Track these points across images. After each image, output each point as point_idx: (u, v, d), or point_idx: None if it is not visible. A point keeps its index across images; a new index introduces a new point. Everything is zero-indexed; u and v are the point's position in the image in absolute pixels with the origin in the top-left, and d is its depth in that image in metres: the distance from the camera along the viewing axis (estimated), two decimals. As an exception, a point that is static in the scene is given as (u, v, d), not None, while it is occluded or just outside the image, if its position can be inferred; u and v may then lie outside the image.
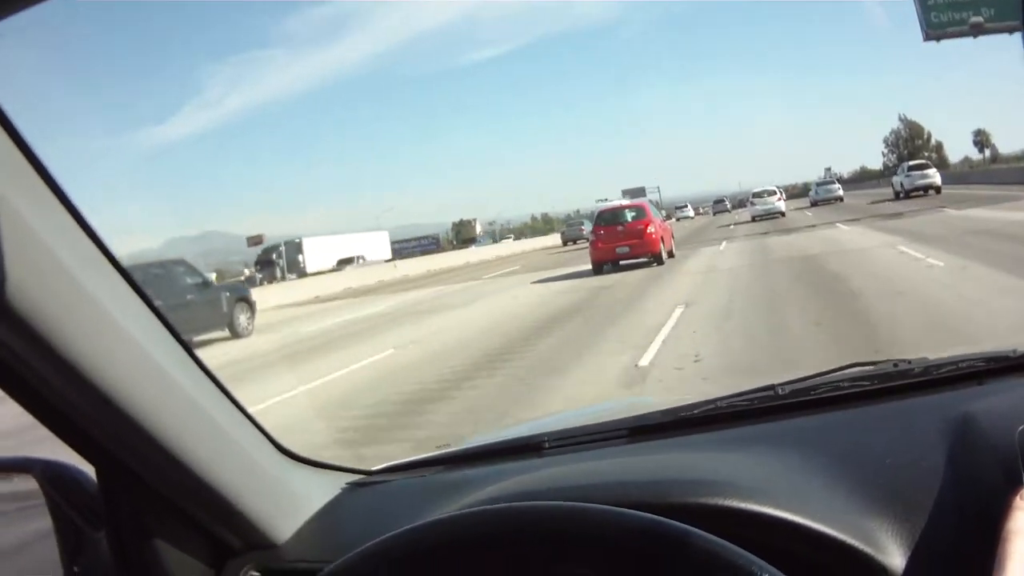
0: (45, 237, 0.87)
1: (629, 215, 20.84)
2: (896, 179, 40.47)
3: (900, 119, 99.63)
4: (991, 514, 0.85)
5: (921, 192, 36.32)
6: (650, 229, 20.12)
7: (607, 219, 21.19)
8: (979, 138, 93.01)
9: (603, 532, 0.85)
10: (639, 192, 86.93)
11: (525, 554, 0.90)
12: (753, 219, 40.35)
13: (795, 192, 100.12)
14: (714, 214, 74.01)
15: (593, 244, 20.94)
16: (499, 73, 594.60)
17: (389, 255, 53.47)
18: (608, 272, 19.76)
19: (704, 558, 0.78)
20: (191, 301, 15.29)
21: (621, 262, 20.01)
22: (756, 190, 45.09)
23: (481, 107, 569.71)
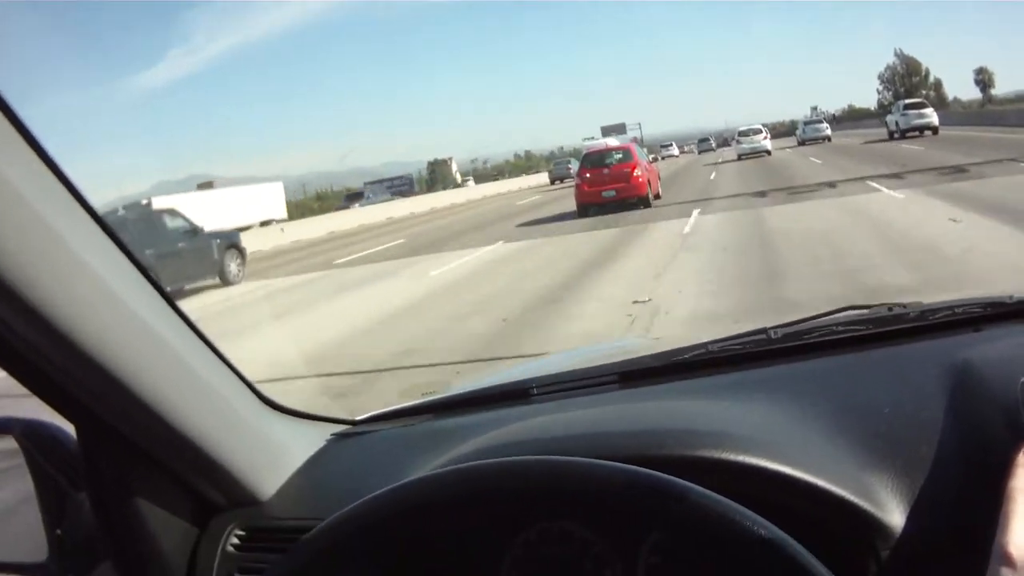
0: (16, 184, 0.82)
1: (615, 157, 20.71)
2: (891, 118, 39.27)
3: (896, 54, 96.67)
4: (994, 470, 0.82)
5: (917, 133, 35.21)
6: (636, 172, 19.95)
7: (593, 161, 21.03)
8: (981, 77, 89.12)
9: (591, 487, 0.83)
10: (619, 129, 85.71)
11: (513, 510, 0.89)
12: (739, 157, 40.03)
13: (782, 130, 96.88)
14: (699, 152, 75.32)
15: (578, 187, 20.65)
16: (481, 8, 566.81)
17: (283, 213, 43.45)
18: (594, 215, 19.50)
19: (699, 513, 0.76)
20: (181, 249, 15.28)
21: (607, 205, 19.80)
22: (742, 128, 44.78)
23: (462, 45, 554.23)
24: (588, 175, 20.41)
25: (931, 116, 35.45)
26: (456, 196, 51.29)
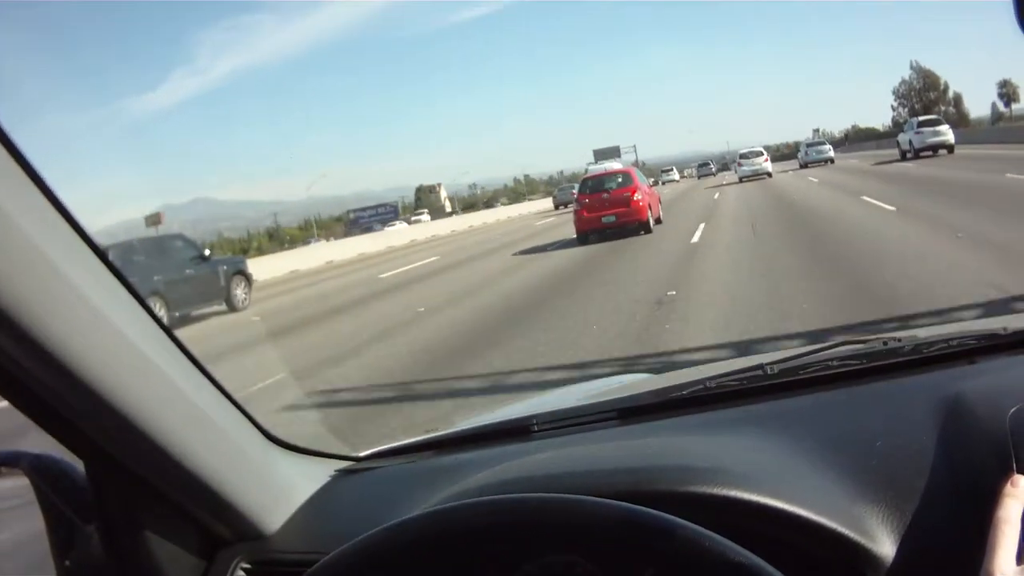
0: (22, 223, 0.83)
1: (615, 182, 20.00)
2: (903, 137, 36.57)
3: (912, 67, 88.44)
4: (983, 501, 0.83)
5: (930, 152, 32.75)
6: (636, 196, 19.31)
7: (592, 186, 20.32)
8: (1005, 90, 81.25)
9: (581, 523, 0.84)
10: (612, 153, 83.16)
11: (514, 546, 0.90)
12: (741, 180, 39.17)
13: (785, 153, 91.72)
14: (699, 177, 72.88)
15: (577, 213, 19.93)
16: (483, 33, 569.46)
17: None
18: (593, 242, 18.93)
19: (689, 549, 0.77)
20: (190, 275, 15.29)
21: (607, 231, 19.23)
22: (743, 151, 44.23)
23: (460, 70, 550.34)
24: (587, 200, 19.81)
25: (947, 134, 33.18)
26: (430, 229, 48.54)
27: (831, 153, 46.55)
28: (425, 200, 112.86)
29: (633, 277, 11.68)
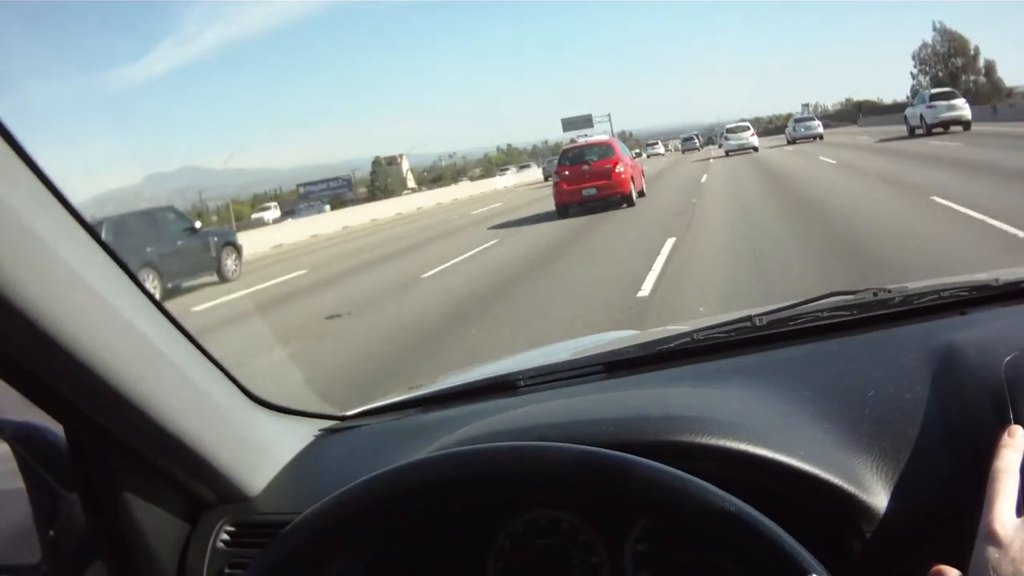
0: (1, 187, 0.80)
1: (595, 153, 18.87)
2: (912, 111, 31.83)
3: (935, 28, 72.44)
4: (979, 451, 0.81)
5: (941, 129, 28.54)
6: (619, 168, 18.27)
7: (572, 158, 19.25)
8: None
9: (543, 469, 0.82)
10: (584, 122, 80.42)
11: (486, 498, 0.89)
12: (727, 154, 38.41)
13: (780, 126, 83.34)
14: (683, 151, 69.20)
15: (557, 186, 18.96)
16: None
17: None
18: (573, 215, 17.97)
19: (654, 487, 0.76)
20: (180, 247, 15.26)
21: (588, 204, 18.39)
22: (729, 126, 43.94)
23: (445, 35, 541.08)
24: (567, 172, 18.72)
25: (962, 108, 28.85)
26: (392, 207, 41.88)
27: (820, 129, 43.60)
28: (382, 173, 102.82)
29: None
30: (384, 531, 0.91)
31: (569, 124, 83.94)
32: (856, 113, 72.08)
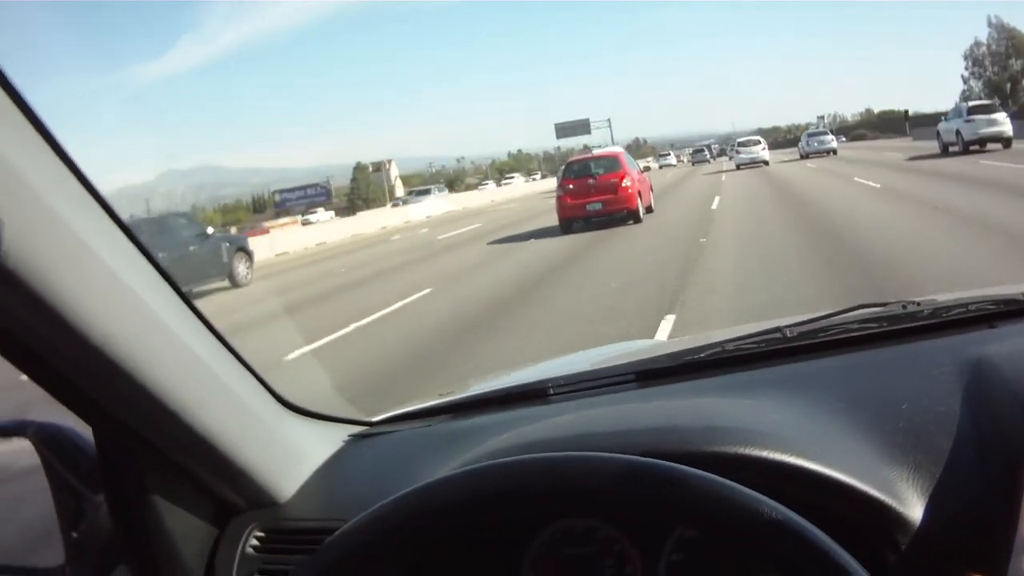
0: (36, 184, 0.80)
1: (602, 166, 17.80)
2: (947, 126, 27.47)
3: (990, 24, 61.57)
4: (1013, 463, 0.80)
5: (978, 146, 24.99)
6: (625, 182, 17.22)
7: (576, 171, 18.19)
8: None
9: (591, 481, 0.81)
10: (580, 127, 76.50)
11: (525, 509, 0.87)
12: (738, 167, 37.65)
13: (793, 137, 76.88)
14: (693, 164, 65.82)
15: (560, 200, 17.77)
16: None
17: None
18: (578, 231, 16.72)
19: (707, 499, 0.75)
20: (193, 252, 15.35)
21: (593, 219, 17.40)
22: (740, 139, 43.59)
23: (467, 37, 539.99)
24: (571, 186, 17.62)
25: (1003, 124, 25.26)
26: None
27: (834, 144, 41.10)
28: (364, 181, 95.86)
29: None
30: (425, 542, 0.89)
31: (563, 130, 78.87)
32: (902, 123, 58.34)
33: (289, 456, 1.18)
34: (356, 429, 1.35)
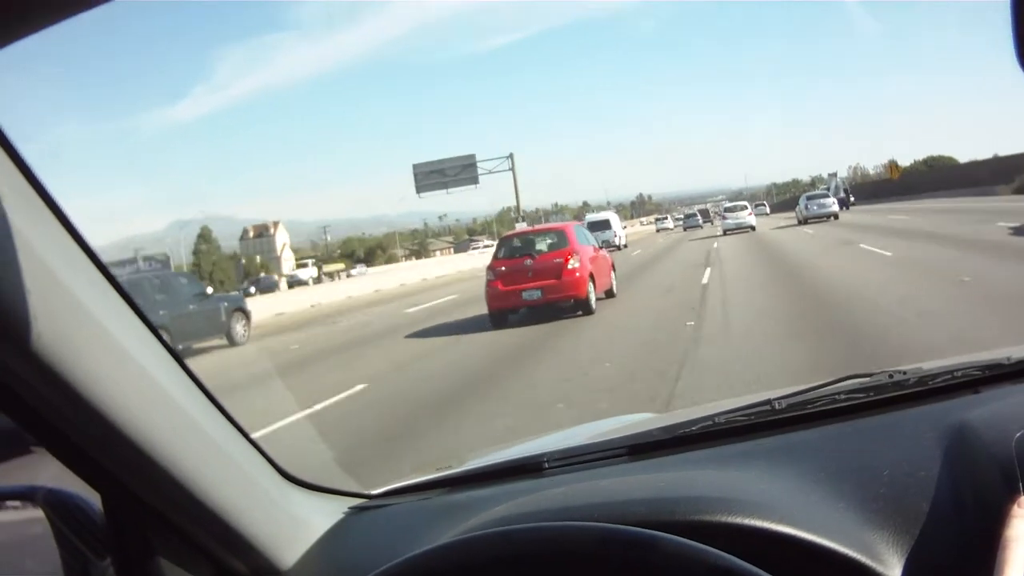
0: (48, 259, 0.81)
1: (543, 243, 13.75)
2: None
3: None
4: (990, 522, 0.80)
5: None
6: (572, 264, 12.86)
7: (511, 250, 13.97)
8: None
9: (568, 547, 0.82)
10: (459, 170, 48.12)
11: (523, 573, 0.86)
12: (725, 233, 36.02)
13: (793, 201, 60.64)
14: (684, 229, 57.13)
15: (490, 286, 13.31)
16: (509, 59, 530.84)
17: None
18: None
19: (672, 560, 0.76)
20: (192, 311, 15.27)
21: (533, 309, 13.12)
22: (727, 205, 42.26)
23: (468, 93, 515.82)
24: (503, 269, 13.22)
25: None
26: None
27: (835, 208, 36.04)
28: (205, 262, 67.71)
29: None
30: None
31: (426, 176, 49.72)
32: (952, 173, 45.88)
33: (290, 526, 1.18)
34: (355, 501, 1.35)
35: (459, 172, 50.01)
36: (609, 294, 14.58)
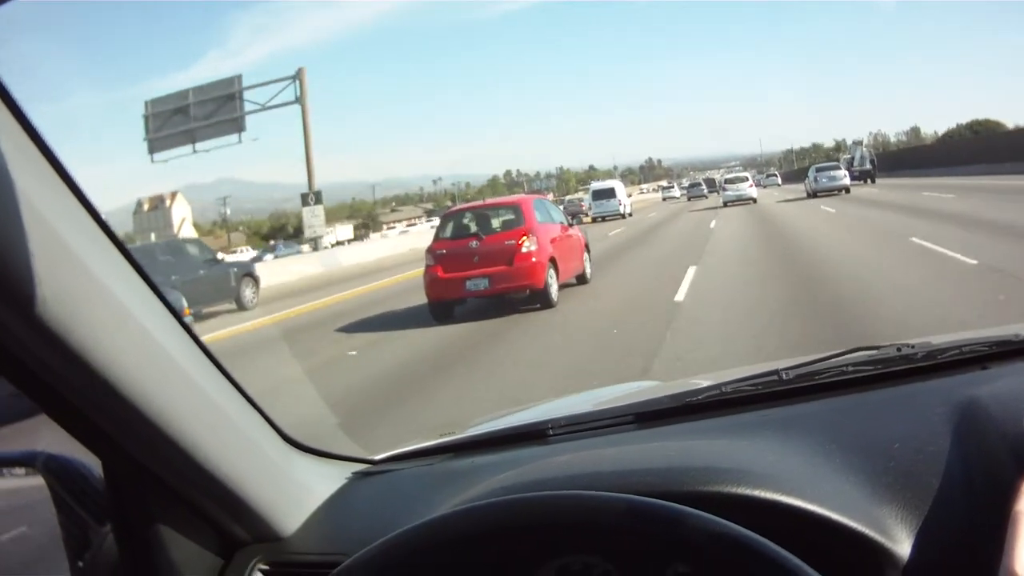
0: (52, 221, 0.79)
1: (494, 221, 11.20)
2: None
3: None
4: (1000, 499, 0.79)
5: None
6: (526, 246, 10.28)
7: (454, 229, 11.27)
8: None
9: (593, 517, 0.81)
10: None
11: (527, 545, 0.85)
12: (725, 204, 35.31)
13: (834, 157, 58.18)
14: (688, 199, 57.35)
15: (430, 271, 10.67)
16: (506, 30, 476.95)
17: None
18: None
19: (703, 537, 0.75)
20: (203, 276, 15.39)
21: (477, 302, 10.79)
22: (728, 176, 41.84)
23: (486, 60, 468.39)
24: (444, 252, 10.73)
25: None
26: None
27: (846, 181, 32.71)
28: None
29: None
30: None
31: (166, 120, 28.99)
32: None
33: (294, 492, 1.16)
34: (359, 467, 1.32)
35: (213, 112, 28.96)
36: (581, 280, 12.11)
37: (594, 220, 36.29)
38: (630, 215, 37.63)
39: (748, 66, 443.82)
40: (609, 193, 37.58)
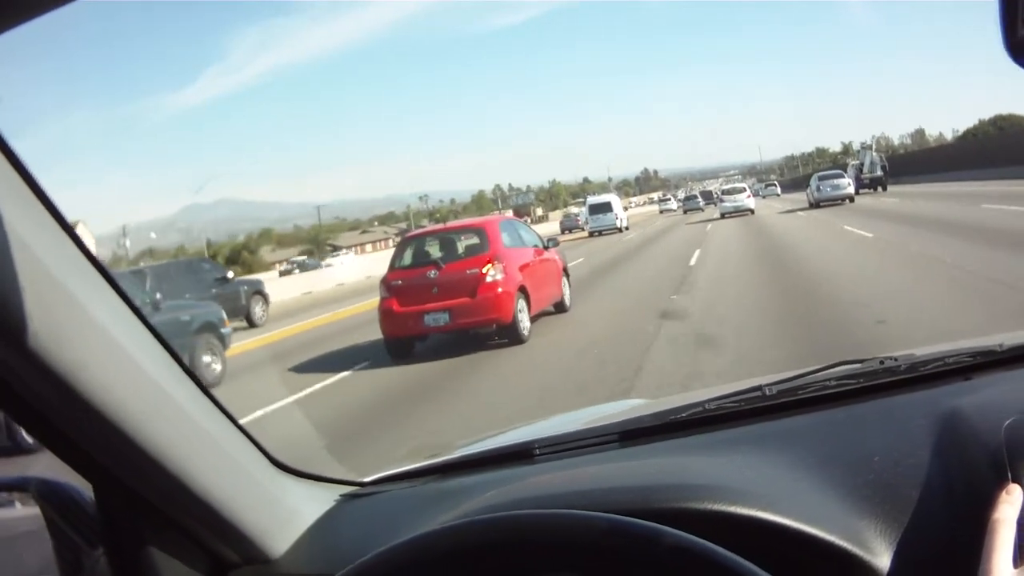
0: (36, 249, 0.79)
1: (455, 247, 9.89)
2: None
3: None
4: (980, 509, 0.78)
5: None
6: (491, 275, 9.02)
7: (412, 257, 10.00)
8: None
9: (570, 537, 0.79)
10: None
11: (505, 564, 0.84)
12: (723, 216, 34.70)
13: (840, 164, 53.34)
14: (684, 211, 56.14)
15: (385, 304, 9.38)
16: (514, 41, 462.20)
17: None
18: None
19: (675, 555, 0.73)
20: (215, 294, 15.44)
21: (437, 339, 9.63)
22: (725, 187, 41.30)
23: (483, 74, 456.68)
24: (400, 282, 9.42)
25: None
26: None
27: (850, 190, 30.20)
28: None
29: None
30: None
31: None
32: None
33: (282, 514, 1.15)
34: (346, 489, 1.32)
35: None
36: (560, 308, 10.78)
37: (591, 234, 36.43)
38: (626, 228, 37.41)
39: (744, 72, 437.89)
40: (605, 207, 37.76)
